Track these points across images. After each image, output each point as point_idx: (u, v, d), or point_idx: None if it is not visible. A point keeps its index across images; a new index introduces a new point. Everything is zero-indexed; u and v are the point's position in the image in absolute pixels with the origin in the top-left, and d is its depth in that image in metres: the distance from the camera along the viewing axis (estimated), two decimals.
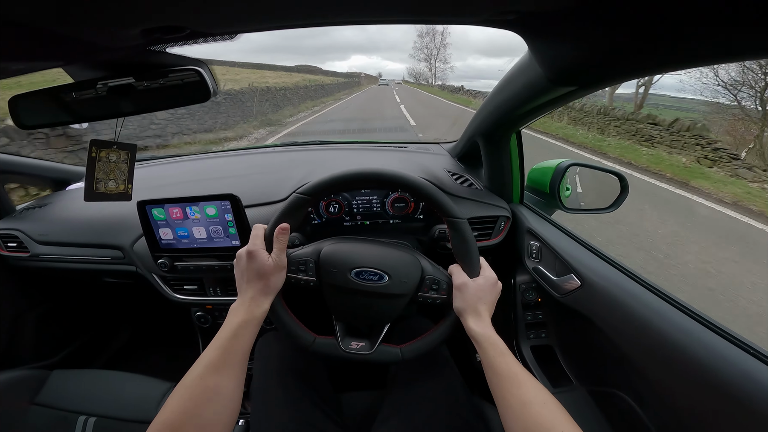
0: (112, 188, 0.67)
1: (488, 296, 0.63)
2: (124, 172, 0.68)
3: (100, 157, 0.66)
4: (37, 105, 0.62)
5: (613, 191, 0.99)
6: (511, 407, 0.50)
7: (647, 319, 0.59)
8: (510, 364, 0.54)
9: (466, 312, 0.61)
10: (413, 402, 0.69)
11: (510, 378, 0.53)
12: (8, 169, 1.11)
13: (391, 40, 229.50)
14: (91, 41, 0.39)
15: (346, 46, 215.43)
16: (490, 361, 0.56)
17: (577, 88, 0.53)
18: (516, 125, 0.85)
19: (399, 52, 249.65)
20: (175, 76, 0.59)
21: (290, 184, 0.99)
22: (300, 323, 0.67)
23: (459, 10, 0.39)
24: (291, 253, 0.67)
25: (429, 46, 73.60)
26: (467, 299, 0.62)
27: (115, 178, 0.68)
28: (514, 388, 0.51)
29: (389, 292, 0.65)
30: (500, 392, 0.53)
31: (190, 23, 0.37)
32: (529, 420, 0.47)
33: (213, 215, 0.84)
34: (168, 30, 0.38)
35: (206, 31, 0.40)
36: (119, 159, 0.67)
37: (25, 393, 0.84)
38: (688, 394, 0.52)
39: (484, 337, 0.58)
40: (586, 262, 0.76)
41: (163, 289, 0.96)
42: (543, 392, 0.51)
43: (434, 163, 1.14)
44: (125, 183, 0.69)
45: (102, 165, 0.66)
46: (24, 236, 1.03)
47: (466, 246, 0.65)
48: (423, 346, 0.66)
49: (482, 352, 0.58)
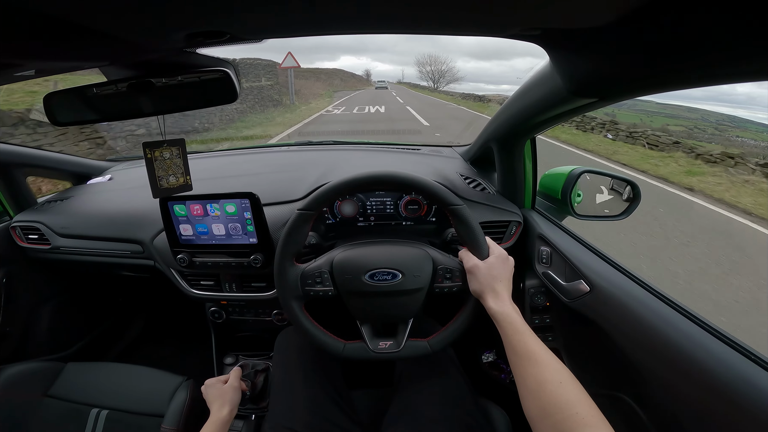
0: (173, 182, 0.73)
1: (502, 273, 0.64)
2: (180, 166, 0.73)
3: (156, 157, 0.70)
4: (70, 102, 0.65)
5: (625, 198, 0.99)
6: (528, 387, 0.49)
7: (653, 325, 0.61)
8: (528, 342, 0.53)
9: (484, 293, 0.62)
10: (421, 402, 0.70)
11: (527, 356, 0.52)
12: (30, 162, 1.13)
13: (381, 42, 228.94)
14: (138, 43, 0.41)
15: (335, 47, 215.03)
16: (508, 339, 0.55)
17: (598, 99, 0.54)
18: (531, 132, 0.87)
19: (389, 54, 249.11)
20: (203, 76, 0.61)
21: (306, 184, 1.01)
22: (327, 332, 0.69)
23: (489, 25, 0.41)
24: (305, 267, 0.69)
25: (434, 70, 73.10)
26: (482, 280, 0.62)
27: (174, 173, 0.73)
28: (530, 367, 0.51)
29: (405, 288, 0.67)
30: (518, 371, 0.52)
31: (231, 29, 0.39)
32: (544, 399, 0.46)
33: (232, 213, 0.86)
34: (210, 35, 0.40)
35: (243, 37, 0.42)
36: (173, 155, 0.72)
37: (38, 385, 0.85)
38: (691, 399, 0.53)
39: (503, 316, 0.58)
40: (595, 268, 0.78)
41: (181, 284, 0.98)
42: (561, 371, 0.49)
43: (447, 166, 1.16)
44: (183, 175, 0.73)
45: (159, 163, 0.71)
46: (46, 228, 1.06)
47: (470, 229, 0.67)
48: (449, 335, 0.68)
49: (501, 331, 0.57)
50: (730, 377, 0.48)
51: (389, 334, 0.71)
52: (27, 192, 1.14)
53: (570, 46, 0.45)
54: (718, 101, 25.47)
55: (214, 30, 0.38)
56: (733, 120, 12.11)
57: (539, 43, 0.46)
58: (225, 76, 0.60)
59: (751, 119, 7.51)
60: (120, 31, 0.36)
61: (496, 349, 1.26)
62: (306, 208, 0.68)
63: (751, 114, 10.64)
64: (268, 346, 1.15)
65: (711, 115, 15.67)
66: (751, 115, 9.60)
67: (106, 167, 1.34)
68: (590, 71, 0.47)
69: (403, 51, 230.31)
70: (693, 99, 22.20)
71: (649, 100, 6.61)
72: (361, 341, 0.69)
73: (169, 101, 0.64)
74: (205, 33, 0.39)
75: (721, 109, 12.13)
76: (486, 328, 1.14)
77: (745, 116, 10.11)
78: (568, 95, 0.55)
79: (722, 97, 42.16)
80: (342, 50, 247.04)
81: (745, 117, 9.36)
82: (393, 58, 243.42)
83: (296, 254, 0.70)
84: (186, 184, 0.75)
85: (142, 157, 0.69)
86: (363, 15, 0.38)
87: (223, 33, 0.40)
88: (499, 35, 0.43)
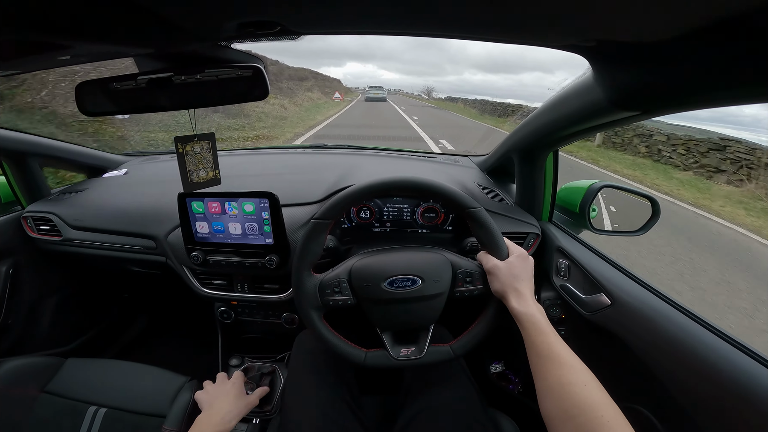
0: (203, 177, 0.73)
1: (523, 272, 0.63)
2: (210, 161, 0.73)
3: (186, 151, 0.70)
4: (101, 93, 0.64)
5: (643, 215, 0.99)
6: (551, 388, 0.48)
7: (677, 338, 0.60)
8: (551, 343, 0.52)
9: (506, 293, 0.61)
10: (431, 411, 0.69)
11: (551, 358, 0.51)
12: (45, 152, 1.13)
13: (388, 49, 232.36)
14: (191, 30, 0.40)
15: (341, 52, 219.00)
16: (531, 340, 0.54)
17: (641, 113, 0.53)
18: (557, 144, 0.87)
19: (396, 62, 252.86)
20: (236, 72, 0.61)
21: (324, 187, 1.00)
22: (348, 342, 0.68)
23: (545, 36, 0.40)
24: (323, 277, 0.68)
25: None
26: (503, 280, 0.61)
27: (204, 167, 0.73)
28: (554, 369, 0.49)
29: (425, 294, 0.66)
30: (540, 372, 0.51)
31: (283, 20, 0.39)
32: (567, 401, 0.45)
33: (250, 212, 0.85)
34: (262, 25, 0.39)
35: (294, 29, 0.42)
36: (203, 149, 0.72)
37: (36, 380, 0.83)
38: (714, 412, 0.53)
39: (526, 316, 0.56)
40: (616, 282, 0.77)
41: (192, 283, 0.97)
42: (585, 373, 0.48)
43: (464, 175, 1.16)
44: (213, 169, 0.74)
45: (190, 158, 0.71)
46: (58, 220, 1.05)
47: (489, 231, 0.66)
48: (471, 340, 0.67)
49: (524, 332, 0.56)
50: (758, 392, 0.48)
51: (410, 340, 0.70)
52: (41, 182, 1.13)
53: (622, 59, 0.45)
54: (723, 123, 25.65)
55: (266, 20, 0.38)
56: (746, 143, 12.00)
57: (585, 55, 0.46)
58: (257, 72, 0.60)
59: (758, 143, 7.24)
60: (176, 17, 0.36)
61: (505, 360, 1.25)
62: (322, 217, 0.67)
63: (756, 137, 10.55)
64: (275, 349, 1.13)
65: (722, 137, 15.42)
66: (756, 138, 9.51)
67: (122, 161, 1.34)
68: (638, 84, 0.47)
69: (410, 60, 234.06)
70: (699, 120, 22.21)
71: (659, 120, 6.24)
72: (383, 349, 0.68)
73: (199, 96, 0.63)
74: (256, 23, 0.39)
75: (725, 131, 12.08)
76: (494, 338, 1.13)
77: (751, 139, 10.00)
78: (609, 107, 0.55)
79: (728, 119, 42.32)
80: (349, 56, 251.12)
81: (752, 140, 9.20)
82: (399, 66, 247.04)
83: (314, 264, 0.69)
84: (215, 178, 0.75)
85: (157, 152, 0.69)
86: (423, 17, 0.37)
87: (274, 24, 0.39)
88: (552, 45, 0.43)
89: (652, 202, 0.98)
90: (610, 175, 7.01)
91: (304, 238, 0.67)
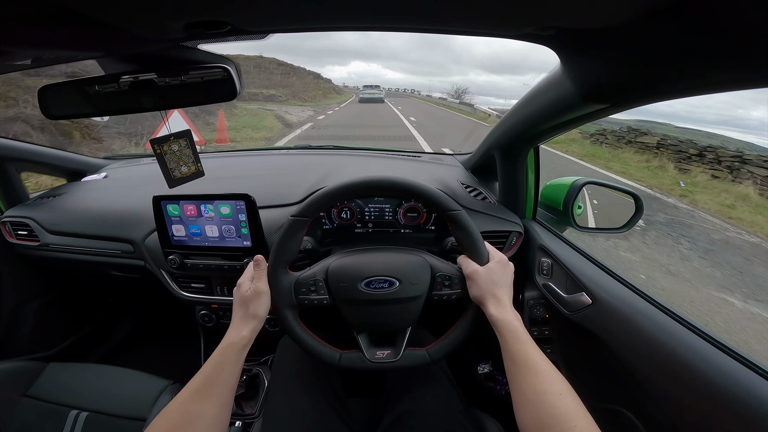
0: (185, 172, 0.74)
1: (503, 278, 0.62)
2: (190, 155, 0.74)
3: (165, 151, 0.71)
4: (65, 96, 0.63)
5: (627, 211, 0.98)
6: (525, 396, 0.48)
7: (658, 338, 0.60)
8: (528, 351, 0.52)
9: (484, 299, 0.60)
10: (413, 413, 0.68)
11: (527, 366, 0.51)
12: (24, 157, 1.11)
13: (393, 48, 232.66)
14: (135, 33, 0.39)
15: (346, 51, 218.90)
16: (508, 347, 0.54)
17: (609, 106, 0.53)
18: (536, 141, 0.86)
19: (400, 62, 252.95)
20: (203, 73, 0.60)
21: (304, 188, 0.99)
22: (323, 342, 0.67)
23: (502, 23, 0.40)
24: (299, 275, 0.67)
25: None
26: (482, 286, 0.61)
27: (185, 163, 0.74)
28: (530, 377, 0.49)
29: (402, 296, 0.65)
30: (516, 380, 0.51)
31: (231, 19, 0.38)
32: (542, 410, 0.45)
33: (227, 214, 0.84)
34: (210, 25, 0.38)
35: (245, 29, 0.41)
36: (181, 146, 0.73)
37: (18, 384, 0.83)
38: (693, 413, 0.52)
39: (504, 323, 0.56)
40: (597, 281, 0.76)
41: (171, 286, 0.95)
42: (561, 382, 0.48)
43: (448, 174, 1.15)
44: (194, 163, 0.75)
45: (169, 157, 0.72)
46: (35, 225, 1.03)
47: (469, 235, 0.65)
48: (449, 344, 0.66)
49: (501, 339, 0.56)
50: (735, 390, 0.48)
51: (387, 343, 0.69)
52: (19, 187, 1.12)
53: (584, 48, 0.44)
54: (730, 126, 25.81)
55: (214, 20, 0.37)
56: (753, 148, 11.90)
57: (551, 46, 0.45)
58: (226, 73, 0.59)
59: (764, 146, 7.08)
60: (116, 20, 0.35)
61: (492, 360, 1.24)
62: (300, 215, 0.66)
63: (762, 140, 10.37)
64: (258, 352, 1.12)
65: (730, 142, 15.26)
66: (760, 141, 9.27)
67: (102, 165, 1.32)
68: (603, 75, 0.46)
69: (415, 60, 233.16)
70: (706, 123, 22.11)
71: (668, 123, 6.18)
72: (358, 351, 0.67)
73: (167, 97, 0.62)
74: (204, 23, 0.38)
75: (732, 134, 12.04)
76: (482, 338, 1.12)
77: (758, 143, 9.80)
78: (579, 101, 0.54)
79: (735, 122, 42.51)
80: (353, 55, 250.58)
81: (760, 144, 8.96)
82: (404, 66, 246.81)
83: (290, 262, 0.68)
84: (198, 171, 0.76)
85: (138, 155, 0.68)
86: (372, 9, 0.36)
87: (223, 23, 0.38)
88: (512, 35, 0.42)
89: (635, 198, 0.97)
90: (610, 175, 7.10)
91: (280, 235, 0.66)
